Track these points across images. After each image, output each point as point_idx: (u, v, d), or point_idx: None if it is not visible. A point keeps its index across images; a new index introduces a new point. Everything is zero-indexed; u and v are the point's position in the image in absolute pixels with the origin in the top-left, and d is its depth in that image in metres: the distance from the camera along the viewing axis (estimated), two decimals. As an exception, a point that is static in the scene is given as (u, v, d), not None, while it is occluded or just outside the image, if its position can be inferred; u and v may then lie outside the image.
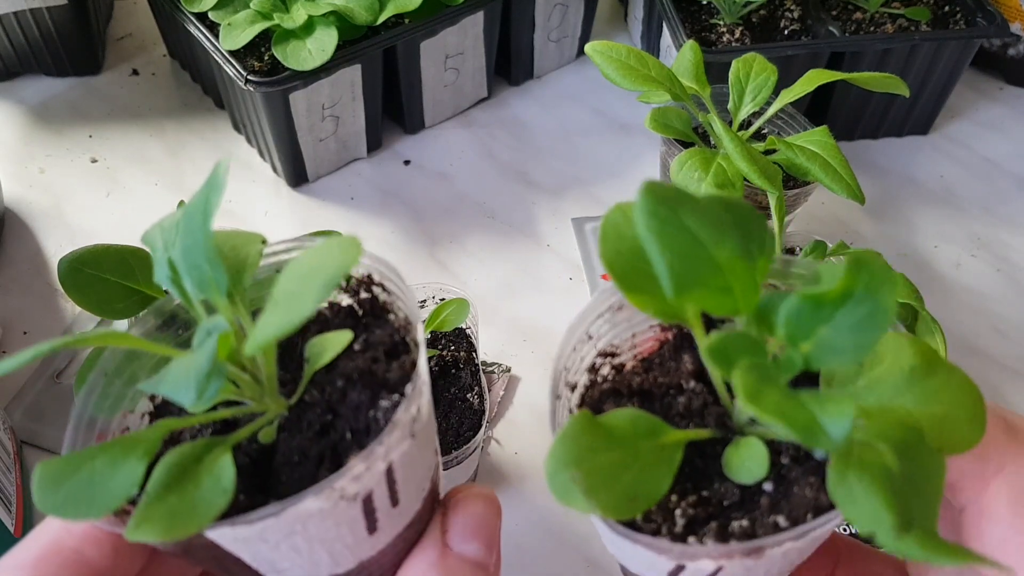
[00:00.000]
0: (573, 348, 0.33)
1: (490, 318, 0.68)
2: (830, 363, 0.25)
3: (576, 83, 0.88)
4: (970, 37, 0.75)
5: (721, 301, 0.26)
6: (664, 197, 0.25)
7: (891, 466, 0.24)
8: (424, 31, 0.73)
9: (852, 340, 0.25)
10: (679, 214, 0.25)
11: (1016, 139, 0.83)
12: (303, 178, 0.77)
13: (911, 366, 0.27)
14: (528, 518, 0.58)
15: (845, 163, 0.55)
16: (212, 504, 0.25)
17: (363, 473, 0.26)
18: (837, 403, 0.23)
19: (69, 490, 0.25)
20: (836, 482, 0.24)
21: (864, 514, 0.23)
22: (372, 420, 0.29)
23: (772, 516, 0.27)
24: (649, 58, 0.56)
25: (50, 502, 0.24)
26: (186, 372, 0.25)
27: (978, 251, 0.74)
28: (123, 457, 0.25)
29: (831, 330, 0.25)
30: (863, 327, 0.25)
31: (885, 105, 0.79)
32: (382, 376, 0.29)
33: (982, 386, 0.72)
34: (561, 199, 0.77)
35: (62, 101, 0.84)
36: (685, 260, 0.25)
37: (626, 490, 0.26)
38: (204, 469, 0.26)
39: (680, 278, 0.25)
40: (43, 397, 0.63)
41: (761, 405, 0.23)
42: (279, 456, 0.28)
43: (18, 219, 0.75)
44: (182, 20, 0.72)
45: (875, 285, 0.25)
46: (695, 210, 0.26)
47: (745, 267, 0.26)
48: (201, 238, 0.27)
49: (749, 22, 0.77)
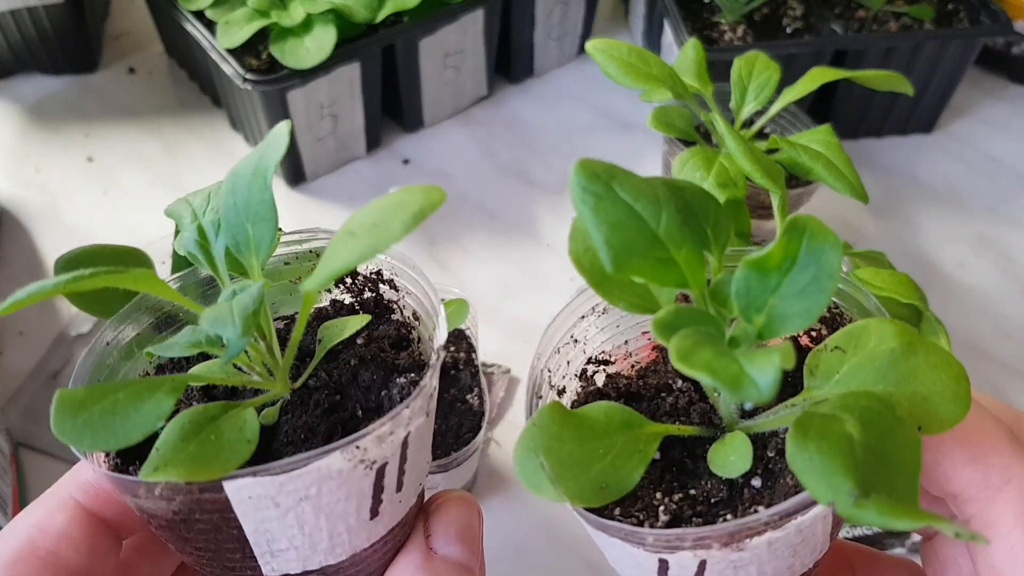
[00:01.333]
0: (557, 350, 0.32)
1: (490, 318, 0.68)
2: (781, 332, 0.25)
3: (577, 81, 0.87)
4: (974, 35, 0.75)
5: (664, 273, 0.25)
6: (597, 172, 0.25)
7: (852, 434, 0.24)
8: (423, 29, 0.72)
9: (800, 306, 0.25)
10: (613, 188, 0.25)
11: (1021, 137, 0.83)
12: (301, 177, 0.76)
13: (892, 348, 0.26)
14: (528, 521, 0.57)
15: (848, 162, 0.54)
16: (236, 451, 0.25)
17: (387, 436, 0.26)
18: (764, 355, 0.23)
19: (90, 417, 0.24)
20: (794, 451, 0.24)
21: (822, 482, 0.23)
22: (385, 399, 0.29)
23: (753, 506, 0.27)
24: (651, 56, 0.56)
25: (68, 427, 0.24)
26: (229, 310, 0.25)
27: (982, 251, 0.74)
28: (149, 392, 0.25)
29: (779, 299, 0.25)
30: (810, 292, 0.25)
31: (888, 104, 0.79)
32: (392, 361, 0.30)
33: (985, 387, 0.72)
34: (561, 198, 0.77)
35: (58, 100, 0.84)
36: (621, 231, 0.25)
37: (595, 479, 0.27)
38: (226, 422, 0.26)
39: (617, 250, 0.25)
40: (39, 399, 0.62)
41: (690, 362, 0.23)
42: (282, 436, 0.28)
43: (14, 218, 0.74)
44: (179, 18, 0.71)
45: (817, 248, 0.25)
46: (631, 185, 0.25)
47: (689, 238, 0.26)
48: (251, 196, 0.27)
49: (751, 20, 0.76)
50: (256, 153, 0.28)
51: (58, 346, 0.65)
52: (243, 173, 0.28)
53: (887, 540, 0.57)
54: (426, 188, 0.24)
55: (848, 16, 0.77)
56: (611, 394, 0.32)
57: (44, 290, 0.24)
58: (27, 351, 0.65)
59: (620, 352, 0.34)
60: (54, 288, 0.24)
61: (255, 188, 0.27)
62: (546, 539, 0.56)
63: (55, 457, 0.60)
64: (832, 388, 0.26)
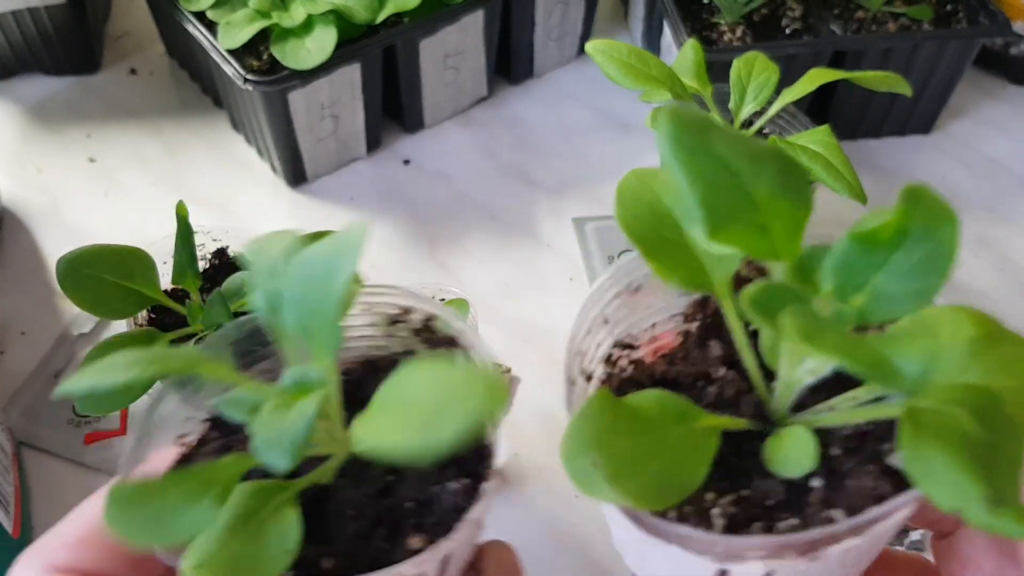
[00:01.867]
0: (588, 331, 0.29)
1: (490, 318, 0.68)
2: (889, 315, 0.22)
3: (577, 82, 0.87)
4: (973, 36, 0.75)
5: (758, 242, 0.23)
6: (692, 123, 0.22)
7: (971, 432, 0.21)
8: (424, 30, 0.72)
9: (912, 287, 0.22)
10: (709, 142, 0.22)
11: (1019, 138, 0.83)
12: (302, 178, 0.77)
13: (972, 338, 0.23)
14: (529, 520, 0.58)
15: (847, 163, 0.54)
16: (275, 561, 0.25)
17: (425, 562, 0.25)
18: (910, 340, 0.21)
19: (138, 517, 0.25)
20: (910, 454, 0.21)
21: (947, 488, 0.20)
22: (435, 496, 0.27)
23: (825, 511, 0.24)
24: (650, 57, 0.56)
25: (118, 523, 0.24)
26: (279, 436, 0.24)
27: (981, 251, 0.74)
28: (197, 496, 0.25)
29: (886, 276, 0.22)
30: (923, 271, 0.22)
31: (887, 104, 0.79)
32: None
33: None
34: (561, 199, 0.77)
35: (60, 100, 0.84)
36: (719, 192, 0.22)
37: (655, 478, 0.23)
38: (271, 520, 0.25)
39: (715, 212, 0.22)
40: (42, 398, 0.63)
41: (820, 344, 0.20)
42: (334, 503, 0.28)
43: (16, 219, 0.74)
44: (180, 19, 0.72)
45: (933, 221, 0.22)
46: (726, 140, 0.22)
47: (786, 206, 0.23)
48: (330, 306, 0.25)
49: (750, 21, 0.76)
50: (332, 251, 0.26)
51: (60, 345, 0.66)
52: (317, 269, 0.26)
53: (886, 539, 0.57)
54: (488, 382, 0.20)
55: (847, 17, 0.77)
56: (645, 381, 0.29)
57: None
58: (29, 350, 0.65)
59: (645, 336, 0.31)
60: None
61: (335, 301, 0.25)
62: (546, 538, 0.57)
63: (57, 456, 0.60)
64: (910, 383, 0.23)
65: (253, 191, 0.77)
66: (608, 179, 0.79)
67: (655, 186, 0.26)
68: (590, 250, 0.73)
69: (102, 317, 0.51)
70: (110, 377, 0.24)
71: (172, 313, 0.55)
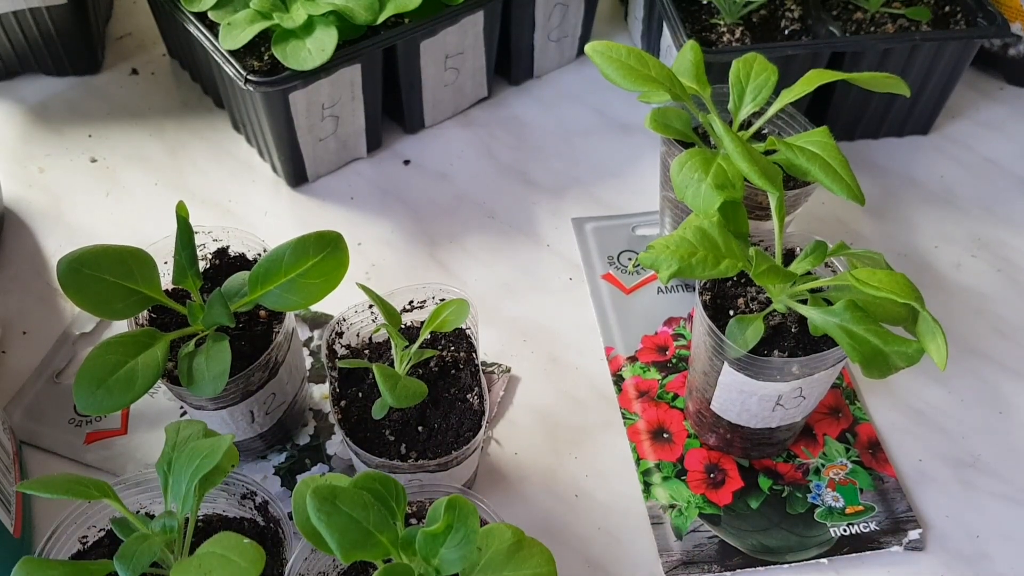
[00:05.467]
0: None
1: (490, 318, 0.68)
2: (453, 570, 0.41)
3: (576, 83, 0.87)
4: (971, 37, 0.75)
5: (376, 553, 0.40)
6: (325, 496, 0.40)
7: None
8: (424, 31, 0.72)
9: (458, 554, 0.41)
10: (337, 504, 0.40)
11: (1017, 139, 0.83)
12: (303, 178, 0.77)
13: (507, 546, 0.41)
14: (528, 519, 0.58)
15: (845, 163, 0.55)
16: None
17: None
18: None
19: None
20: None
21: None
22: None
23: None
24: (649, 58, 0.56)
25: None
26: (136, 554, 0.41)
27: (979, 251, 0.74)
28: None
29: (446, 550, 0.41)
30: (462, 545, 0.41)
31: (885, 105, 0.79)
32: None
33: (982, 387, 0.72)
34: (561, 199, 0.77)
35: (61, 100, 0.84)
36: (346, 534, 0.40)
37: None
38: None
39: (345, 547, 0.39)
40: (43, 397, 0.63)
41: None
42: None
43: (17, 219, 0.75)
44: (182, 19, 0.72)
45: (463, 518, 0.41)
46: (347, 498, 0.40)
47: (387, 525, 0.41)
48: (192, 482, 0.43)
49: (749, 22, 0.77)
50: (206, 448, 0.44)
51: (62, 345, 0.66)
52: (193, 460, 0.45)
53: (883, 539, 0.58)
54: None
55: (845, 18, 0.77)
56: None
57: None
58: (31, 350, 0.66)
59: None
60: None
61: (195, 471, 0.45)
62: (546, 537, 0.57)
63: (58, 456, 0.60)
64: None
65: (254, 191, 0.77)
66: (608, 180, 0.79)
67: None
68: (589, 250, 0.73)
69: (103, 317, 0.51)
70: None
71: (173, 313, 0.55)
